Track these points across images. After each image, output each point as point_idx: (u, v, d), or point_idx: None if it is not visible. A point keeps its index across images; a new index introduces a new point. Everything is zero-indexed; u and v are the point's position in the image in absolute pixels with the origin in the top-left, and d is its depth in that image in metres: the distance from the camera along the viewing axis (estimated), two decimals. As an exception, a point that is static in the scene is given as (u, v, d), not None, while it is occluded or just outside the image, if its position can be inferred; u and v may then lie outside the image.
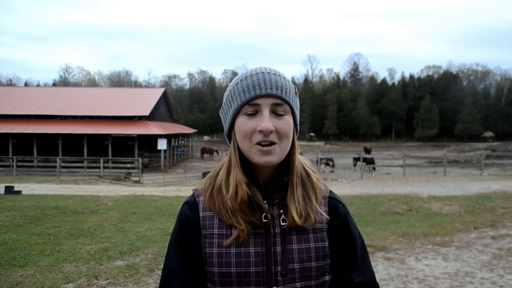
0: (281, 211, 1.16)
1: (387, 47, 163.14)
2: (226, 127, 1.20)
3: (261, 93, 1.11)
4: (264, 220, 1.13)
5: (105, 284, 5.00)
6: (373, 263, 5.88)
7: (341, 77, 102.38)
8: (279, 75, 1.16)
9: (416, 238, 7.26)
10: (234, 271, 1.11)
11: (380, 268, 5.65)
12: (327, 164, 29.12)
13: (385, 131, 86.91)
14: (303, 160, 1.25)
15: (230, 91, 1.17)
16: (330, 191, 1.28)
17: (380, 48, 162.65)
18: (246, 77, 1.15)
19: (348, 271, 1.22)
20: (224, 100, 1.21)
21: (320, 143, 72.94)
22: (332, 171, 28.70)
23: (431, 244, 6.92)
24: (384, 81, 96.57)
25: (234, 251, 1.12)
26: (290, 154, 1.18)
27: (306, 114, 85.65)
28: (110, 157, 30.04)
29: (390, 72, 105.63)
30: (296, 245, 1.16)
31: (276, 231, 1.15)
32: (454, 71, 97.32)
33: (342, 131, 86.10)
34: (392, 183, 18.34)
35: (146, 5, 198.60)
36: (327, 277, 1.20)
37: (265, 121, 1.09)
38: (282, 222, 1.15)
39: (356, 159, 29.03)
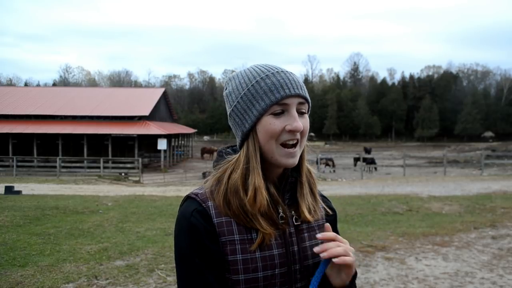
0: (292, 210, 1.17)
1: (387, 47, 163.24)
2: (245, 127, 1.13)
3: (290, 93, 1.10)
4: (281, 221, 1.13)
5: (105, 284, 5.00)
6: (373, 263, 5.90)
7: (341, 77, 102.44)
8: (295, 75, 1.16)
9: (416, 238, 7.26)
10: (262, 275, 1.09)
11: (380, 268, 5.65)
12: (327, 164, 29.12)
13: (385, 131, 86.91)
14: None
15: (248, 90, 1.12)
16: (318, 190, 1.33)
17: (380, 48, 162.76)
18: (267, 75, 1.12)
19: None
20: (236, 100, 1.15)
21: (320, 143, 72.90)
22: (334, 171, 28.71)
23: (431, 244, 6.92)
24: (384, 81, 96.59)
25: (259, 255, 1.10)
26: (302, 154, 1.18)
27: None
28: (110, 157, 30.04)
29: (390, 72, 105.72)
30: (308, 242, 1.18)
31: (291, 230, 1.16)
32: (454, 71, 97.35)
33: (342, 131, 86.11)
34: (392, 183, 18.34)
35: (146, 5, 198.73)
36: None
37: (297, 120, 1.09)
38: (296, 222, 1.17)
39: (356, 159, 29.06)
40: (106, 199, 12.42)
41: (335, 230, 1.27)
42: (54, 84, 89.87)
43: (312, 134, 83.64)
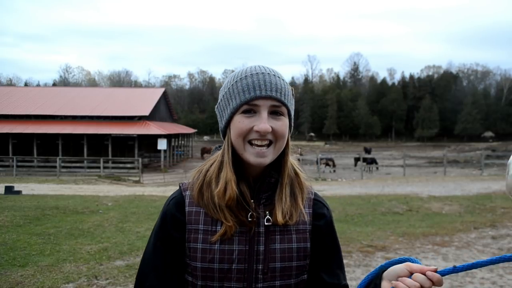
0: (267, 211, 1.18)
1: (387, 47, 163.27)
2: (222, 123, 1.21)
3: (261, 94, 1.12)
4: (249, 219, 1.15)
5: (105, 284, 5.00)
6: (373, 263, 5.90)
7: (341, 77, 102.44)
8: (278, 77, 1.17)
9: (416, 238, 7.26)
10: (217, 267, 1.13)
11: (380, 268, 5.65)
12: (327, 164, 29.11)
13: (385, 131, 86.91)
14: (292, 160, 1.26)
15: (229, 89, 1.18)
16: (315, 193, 1.30)
17: (380, 48, 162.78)
18: (246, 76, 1.16)
19: (331, 273, 1.24)
20: (220, 97, 1.22)
21: (320, 143, 72.92)
22: (334, 171, 28.70)
23: (431, 244, 6.92)
24: (384, 81, 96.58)
25: (218, 247, 1.14)
26: (283, 155, 1.20)
27: (306, 114, 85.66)
28: (110, 157, 30.04)
29: (390, 72, 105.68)
30: (279, 244, 1.18)
31: (261, 230, 1.17)
32: (454, 71, 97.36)
33: (342, 131, 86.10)
34: (392, 183, 18.34)
35: (146, 5, 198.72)
36: (305, 276, 1.22)
37: (263, 122, 1.11)
38: (267, 222, 1.17)
39: (357, 159, 29.09)
40: (106, 199, 12.42)
41: (327, 235, 1.26)
42: (54, 84, 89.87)
43: (312, 134, 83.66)
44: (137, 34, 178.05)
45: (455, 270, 1.02)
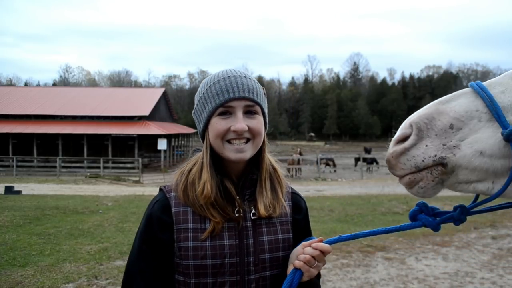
0: (252, 206, 1.25)
1: (387, 47, 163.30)
2: (200, 127, 1.27)
3: (234, 96, 1.19)
4: (236, 214, 1.21)
5: (105, 284, 5.00)
6: (373, 263, 5.90)
7: (341, 77, 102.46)
8: (250, 78, 1.25)
9: (416, 238, 7.26)
10: (210, 263, 1.18)
11: (380, 268, 5.65)
12: (327, 164, 29.11)
13: (385, 131, 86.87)
14: (269, 156, 1.33)
15: (203, 94, 1.24)
16: (292, 188, 1.39)
17: (380, 48, 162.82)
18: (218, 80, 1.22)
19: None
20: (196, 102, 1.28)
21: (320, 143, 72.94)
22: (334, 170, 28.71)
23: (431, 244, 6.92)
24: (384, 81, 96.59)
25: (209, 244, 1.19)
26: (260, 152, 1.27)
27: (306, 114, 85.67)
28: (110, 157, 30.03)
29: (390, 72, 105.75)
30: (266, 236, 1.25)
31: (248, 224, 1.23)
32: (454, 71, 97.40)
33: (342, 131, 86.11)
34: (392, 183, 18.33)
35: (146, 5, 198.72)
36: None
37: (239, 122, 1.18)
38: (253, 216, 1.24)
39: (357, 159, 29.13)
40: (106, 199, 12.42)
41: (304, 227, 1.36)
42: (54, 84, 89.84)
43: (312, 134, 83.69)
44: (137, 34, 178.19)
45: (340, 239, 1.18)
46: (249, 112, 1.21)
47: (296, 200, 1.36)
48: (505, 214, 9.48)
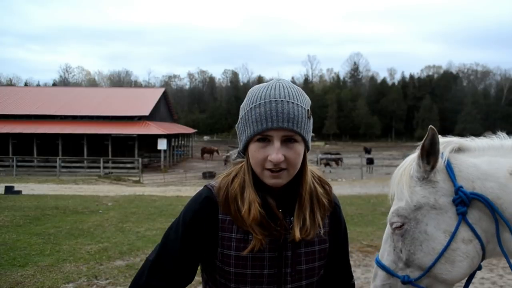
0: (290, 223, 1.25)
1: (387, 47, 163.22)
2: (241, 146, 1.26)
3: (272, 126, 1.15)
4: (278, 227, 1.22)
5: (105, 284, 5.00)
6: (373, 263, 5.90)
7: (341, 77, 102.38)
8: (292, 102, 1.18)
9: (416, 238, 7.26)
10: (250, 272, 1.22)
11: (380, 268, 5.65)
12: (327, 164, 29.15)
13: (385, 131, 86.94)
14: (313, 171, 1.33)
15: (245, 114, 1.21)
16: (334, 196, 1.37)
17: (380, 48, 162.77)
18: (259, 104, 1.18)
19: (346, 271, 1.45)
20: (240, 118, 1.25)
21: (320, 143, 72.89)
22: (340, 164, 28.95)
23: (431, 244, 6.91)
24: (384, 81, 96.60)
25: (250, 255, 1.21)
26: (302, 174, 1.25)
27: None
28: (110, 157, 30.04)
29: (390, 72, 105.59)
30: (303, 249, 1.26)
31: (287, 237, 1.23)
32: (454, 71, 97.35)
33: (342, 131, 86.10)
34: (392, 183, 18.31)
35: (146, 5, 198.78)
36: (322, 271, 1.34)
37: (276, 153, 1.15)
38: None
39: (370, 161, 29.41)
40: (106, 199, 12.42)
41: (341, 241, 1.40)
42: (54, 84, 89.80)
43: (312, 134, 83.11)
44: (137, 34, 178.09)
45: None
46: (288, 140, 1.18)
47: (337, 215, 1.37)
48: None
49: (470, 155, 1.34)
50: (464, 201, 1.25)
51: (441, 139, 1.36)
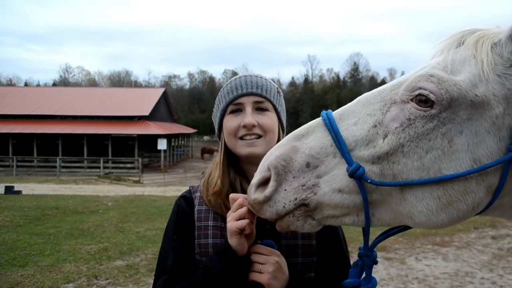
0: None
1: (387, 47, 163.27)
2: (216, 128, 1.33)
3: (242, 92, 1.22)
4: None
5: (105, 284, 5.00)
6: (373, 263, 5.91)
7: (341, 77, 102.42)
8: (260, 77, 1.28)
9: (416, 238, 7.26)
10: None
11: (380, 268, 5.65)
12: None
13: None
14: None
15: (218, 96, 1.30)
16: None
17: (380, 48, 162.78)
18: (230, 81, 1.28)
19: (344, 271, 1.32)
20: (214, 107, 1.35)
21: (320, 143, 72.97)
22: None
23: (431, 244, 6.92)
24: (384, 81, 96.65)
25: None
26: None
27: (306, 114, 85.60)
28: (110, 157, 30.04)
29: (390, 72, 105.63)
30: (284, 240, 1.22)
31: (267, 226, 1.19)
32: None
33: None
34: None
35: (146, 5, 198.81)
36: (312, 273, 1.27)
37: (247, 116, 1.20)
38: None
39: None
40: (106, 199, 12.42)
41: (328, 237, 1.31)
42: (54, 84, 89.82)
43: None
44: (137, 34, 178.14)
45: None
46: (259, 109, 1.23)
47: None
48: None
49: None
50: None
51: None
